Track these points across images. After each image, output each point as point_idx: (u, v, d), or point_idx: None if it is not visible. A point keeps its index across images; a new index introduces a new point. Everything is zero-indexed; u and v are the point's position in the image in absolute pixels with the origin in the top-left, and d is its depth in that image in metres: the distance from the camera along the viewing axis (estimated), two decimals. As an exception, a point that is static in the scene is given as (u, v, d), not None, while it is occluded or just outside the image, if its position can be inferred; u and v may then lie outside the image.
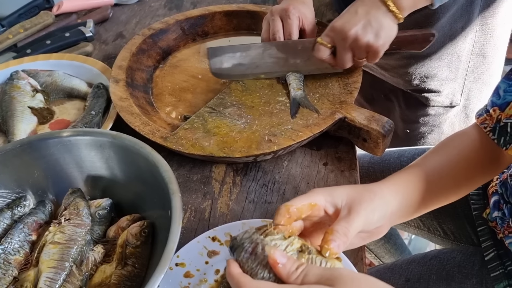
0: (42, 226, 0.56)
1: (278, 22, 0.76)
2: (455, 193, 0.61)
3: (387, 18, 0.66)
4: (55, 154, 0.57)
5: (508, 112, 0.58)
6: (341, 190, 0.49)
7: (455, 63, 0.92)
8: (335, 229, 0.44)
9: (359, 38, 0.66)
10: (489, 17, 0.87)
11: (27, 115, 0.76)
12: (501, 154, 0.61)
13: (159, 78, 0.83)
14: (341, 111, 0.67)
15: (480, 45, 0.91)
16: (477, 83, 0.96)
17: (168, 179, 0.51)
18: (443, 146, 0.63)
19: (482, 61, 0.93)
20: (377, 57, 0.69)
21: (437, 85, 0.95)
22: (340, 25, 0.67)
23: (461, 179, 0.60)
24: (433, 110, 0.99)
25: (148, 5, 1.10)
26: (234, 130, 0.67)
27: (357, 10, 0.67)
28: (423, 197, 0.56)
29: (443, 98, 0.97)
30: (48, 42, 0.93)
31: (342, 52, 0.69)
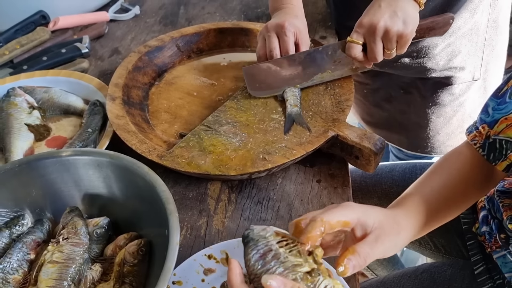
0: (40, 245, 0.57)
1: (275, 38, 0.77)
2: (453, 212, 0.63)
3: (409, 5, 0.70)
4: (53, 173, 0.58)
5: (496, 129, 0.60)
6: (374, 213, 0.49)
7: (475, 37, 0.94)
8: (358, 251, 0.45)
9: (389, 29, 0.69)
10: None
11: (24, 132, 0.77)
12: (494, 170, 0.63)
13: (155, 96, 0.84)
14: (334, 129, 0.69)
15: (494, 17, 0.94)
16: (492, 55, 0.99)
17: (166, 199, 0.52)
18: (441, 167, 0.65)
19: (495, 32, 0.96)
20: (406, 45, 0.73)
21: (460, 61, 0.97)
22: (368, 20, 0.70)
23: (459, 198, 0.63)
24: (457, 88, 1.00)
25: (143, 21, 1.11)
26: (229, 148, 0.68)
27: (380, 4, 0.70)
28: (428, 221, 0.58)
29: (466, 73, 0.99)
30: (44, 58, 0.94)
31: (373, 45, 0.72)
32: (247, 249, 0.42)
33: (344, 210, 0.47)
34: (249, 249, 0.41)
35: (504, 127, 0.59)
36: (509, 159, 0.60)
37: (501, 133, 0.60)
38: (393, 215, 0.52)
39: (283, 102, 0.76)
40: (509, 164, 0.60)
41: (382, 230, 0.48)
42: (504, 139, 0.60)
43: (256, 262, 0.40)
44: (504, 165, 0.61)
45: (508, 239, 0.67)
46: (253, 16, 1.08)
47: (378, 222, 0.48)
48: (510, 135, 0.59)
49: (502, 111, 0.60)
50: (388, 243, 0.48)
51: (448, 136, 1.08)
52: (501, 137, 0.60)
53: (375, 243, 0.46)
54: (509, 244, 0.67)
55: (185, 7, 1.15)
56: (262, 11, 1.10)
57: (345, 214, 0.46)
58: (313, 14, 1.08)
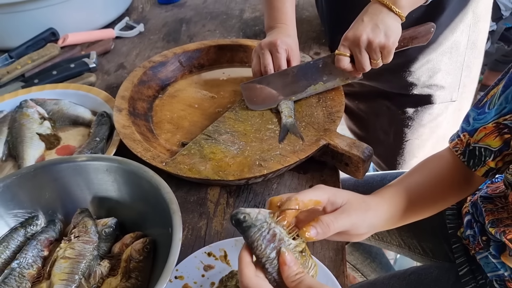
0: (53, 243, 0.61)
1: (268, 55, 0.83)
2: (432, 208, 0.68)
3: (390, 18, 0.75)
4: (65, 177, 0.63)
5: (476, 138, 0.65)
6: (343, 194, 0.55)
7: (454, 56, 1.00)
8: (321, 219, 0.50)
9: (371, 40, 0.74)
10: (478, 13, 0.96)
11: (35, 141, 0.82)
12: (473, 175, 0.68)
13: (158, 107, 0.89)
14: (325, 138, 0.74)
15: (473, 39, 0.99)
16: (469, 77, 1.04)
17: (169, 200, 0.57)
18: (422, 166, 0.70)
19: (474, 55, 1.01)
20: (390, 55, 0.77)
21: (441, 79, 1.02)
22: (352, 33, 0.76)
23: (438, 196, 0.68)
24: (437, 108, 1.06)
25: (147, 38, 1.17)
26: (228, 156, 0.73)
27: (363, 19, 0.76)
28: (404, 212, 0.63)
29: (446, 93, 1.04)
30: (54, 73, 0.99)
31: (359, 56, 0.77)
32: (252, 234, 0.46)
33: (316, 191, 0.52)
34: (256, 235, 0.46)
35: (482, 136, 0.64)
36: (487, 165, 0.65)
37: (480, 141, 0.65)
38: (362, 197, 0.58)
39: (278, 113, 0.81)
40: (487, 170, 0.65)
41: (349, 205, 0.53)
42: (483, 146, 0.64)
43: (267, 247, 0.46)
44: (483, 170, 0.66)
45: (489, 241, 0.72)
46: (251, 34, 1.14)
47: (347, 199, 0.54)
48: (488, 143, 0.64)
49: (481, 120, 0.65)
50: (355, 217, 0.53)
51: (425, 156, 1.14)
52: (480, 144, 0.65)
53: (340, 214, 0.52)
54: (489, 246, 0.71)
55: (187, 25, 1.21)
56: (260, 29, 1.16)
57: (317, 194, 0.52)
58: (308, 32, 1.14)
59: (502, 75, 0.64)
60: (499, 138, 0.62)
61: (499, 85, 0.63)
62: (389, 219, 0.61)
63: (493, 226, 0.68)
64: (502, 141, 0.62)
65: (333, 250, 0.64)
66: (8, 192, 0.61)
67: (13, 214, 0.62)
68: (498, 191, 0.75)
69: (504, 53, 2.07)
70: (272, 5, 0.91)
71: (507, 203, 0.71)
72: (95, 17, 1.18)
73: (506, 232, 0.65)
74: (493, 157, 0.63)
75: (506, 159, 0.64)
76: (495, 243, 0.70)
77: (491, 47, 2.04)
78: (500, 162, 0.64)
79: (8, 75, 1.00)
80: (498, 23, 2.00)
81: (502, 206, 0.72)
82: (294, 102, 0.83)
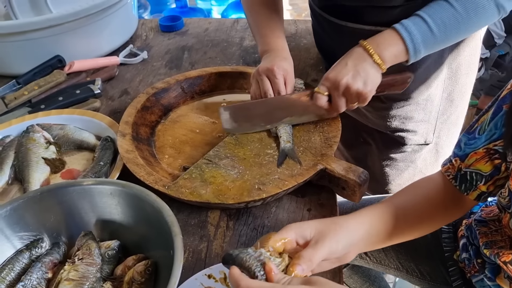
0: (57, 265, 0.63)
1: (267, 81, 0.86)
2: (418, 229, 0.70)
3: (373, 68, 0.79)
4: (71, 201, 0.65)
5: (467, 163, 0.67)
6: (309, 224, 0.58)
7: (429, 107, 1.04)
8: (302, 255, 0.54)
9: (350, 87, 0.78)
10: (454, 67, 1.01)
11: (41, 165, 0.84)
12: (463, 199, 0.70)
13: (161, 132, 0.92)
14: (322, 163, 0.76)
15: (448, 91, 1.04)
16: (446, 123, 1.08)
17: (171, 223, 0.58)
18: (411, 187, 0.73)
19: (450, 104, 1.06)
20: (366, 101, 0.81)
21: (413, 126, 1.06)
22: (333, 76, 0.79)
23: (424, 217, 0.70)
24: (409, 148, 1.10)
25: (150, 64, 1.21)
26: (228, 180, 0.75)
27: (347, 62, 0.79)
28: (388, 230, 0.65)
29: (418, 137, 1.08)
30: (60, 98, 1.02)
31: (337, 99, 0.80)
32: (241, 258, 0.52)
33: (282, 232, 0.57)
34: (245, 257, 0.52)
35: (473, 161, 0.66)
36: (479, 189, 0.67)
37: (471, 166, 0.67)
38: (332, 219, 0.61)
39: (276, 138, 0.84)
40: (479, 193, 0.67)
41: (319, 234, 0.57)
42: (474, 171, 0.67)
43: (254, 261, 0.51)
44: (475, 194, 0.68)
45: (484, 264, 0.73)
46: (251, 61, 1.18)
47: (315, 229, 0.57)
48: (479, 168, 0.66)
49: (472, 146, 0.67)
50: (328, 242, 0.56)
51: (399, 187, 1.19)
52: (471, 169, 0.67)
53: (315, 245, 0.56)
54: (485, 268, 0.73)
55: (189, 52, 1.25)
56: (259, 56, 1.20)
57: (283, 235, 0.56)
58: (306, 59, 1.18)
59: (492, 102, 0.67)
60: (490, 163, 0.65)
61: (489, 111, 0.66)
62: (371, 236, 0.63)
63: (487, 248, 0.70)
64: (492, 166, 0.64)
65: (330, 273, 0.65)
66: (15, 215, 0.63)
67: (19, 236, 0.64)
68: (492, 214, 0.77)
69: (498, 79, 2.11)
70: (262, 33, 0.95)
71: (501, 226, 0.72)
72: (100, 45, 1.22)
73: (500, 254, 0.67)
74: (484, 182, 0.66)
75: (497, 183, 0.66)
76: (490, 266, 0.71)
77: (485, 74, 2.09)
78: (492, 186, 0.66)
79: (15, 100, 1.03)
80: (492, 50, 2.05)
81: (496, 229, 0.74)
82: (292, 126, 0.85)
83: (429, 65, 0.97)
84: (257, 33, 0.97)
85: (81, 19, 1.09)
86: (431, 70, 0.98)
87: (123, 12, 1.23)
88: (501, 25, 1.97)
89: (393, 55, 0.79)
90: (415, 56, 0.80)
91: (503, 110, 0.63)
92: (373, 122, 1.12)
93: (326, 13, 0.99)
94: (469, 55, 1.01)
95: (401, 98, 1.02)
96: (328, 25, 1.00)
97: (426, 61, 0.95)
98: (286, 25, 1.32)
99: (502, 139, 0.62)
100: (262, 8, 0.97)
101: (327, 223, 0.59)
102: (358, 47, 0.80)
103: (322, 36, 1.08)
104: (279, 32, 0.94)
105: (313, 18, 1.10)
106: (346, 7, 0.92)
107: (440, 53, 0.96)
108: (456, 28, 0.78)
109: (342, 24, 0.95)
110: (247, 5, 1.01)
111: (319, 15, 1.02)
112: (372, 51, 0.78)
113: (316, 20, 1.07)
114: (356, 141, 1.21)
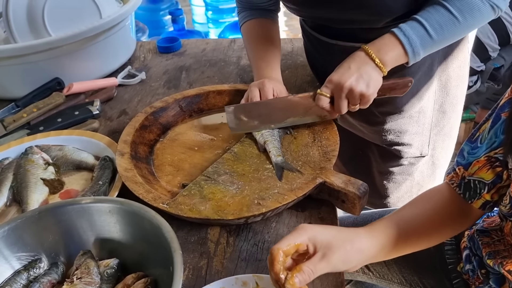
0: (55, 286, 0.62)
1: (256, 91, 0.89)
2: (427, 240, 0.70)
3: (375, 71, 0.81)
4: (69, 220, 0.65)
5: (470, 171, 0.67)
6: (325, 235, 0.58)
7: (421, 119, 1.05)
8: (303, 269, 0.54)
9: (353, 89, 0.79)
10: (444, 80, 1.02)
11: (39, 186, 0.84)
12: (470, 208, 0.69)
13: (159, 151, 0.92)
14: (322, 176, 0.76)
15: (440, 103, 1.05)
16: (440, 135, 1.09)
17: (170, 239, 0.58)
18: (419, 200, 0.72)
19: (442, 116, 1.07)
20: (368, 103, 0.83)
21: (408, 139, 1.08)
22: (337, 78, 0.81)
23: (434, 228, 0.69)
24: (406, 161, 1.11)
25: (148, 85, 1.22)
26: (227, 195, 0.75)
27: (350, 66, 0.81)
28: (398, 244, 0.65)
29: (414, 149, 1.09)
30: (59, 120, 1.02)
31: (339, 101, 0.82)
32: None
33: (295, 234, 0.57)
34: None
35: (476, 169, 0.66)
36: (483, 197, 0.67)
37: (474, 174, 0.67)
38: (350, 233, 0.61)
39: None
40: (484, 202, 0.67)
41: (328, 249, 0.57)
42: (477, 179, 0.67)
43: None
44: (479, 203, 0.67)
45: (488, 274, 0.72)
46: (248, 79, 1.19)
47: (327, 241, 0.57)
48: (482, 176, 0.66)
49: (474, 155, 0.67)
50: (334, 260, 0.56)
51: (398, 199, 1.19)
52: (475, 177, 0.67)
53: (319, 261, 0.56)
54: (489, 279, 0.72)
55: (187, 72, 1.26)
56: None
57: (297, 237, 0.56)
58: (303, 76, 1.19)
59: (491, 111, 0.68)
60: (491, 171, 0.65)
61: (489, 120, 0.67)
62: (380, 251, 0.63)
63: (490, 258, 0.69)
64: (494, 174, 0.64)
65: (332, 286, 0.64)
66: (13, 235, 0.62)
67: (17, 257, 0.63)
68: (494, 224, 0.76)
69: (494, 92, 2.13)
70: (258, 65, 0.99)
71: (503, 236, 0.72)
72: (98, 66, 1.23)
73: (503, 264, 0.66)
74: (488, 190, 0.65)
75: (501, 191, 0.66)
76: (494, 276, 0.71)
77: (481, 87, 2.11)
78: (496, 195, 0.66)
79: (14, 123, 1.03)
80: (487, 63, 2.07)
81: (498, 239, 0.73)
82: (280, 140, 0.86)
83: (419, 78, 0.99)
84: (254, 65, 1.01)
85: (80, 41, 1.11)
86: (421, 83, 1.00)
87: (121, 34, 1.25)
88: (495, 38, 2.00)
89: (393, 59, 0.81)
90: (415, 58, 0.82)
91: (501, 118, 0.63)
92: (369, 136, 1.13)
93: (317, 32, 1.02)
94: (457, 68, 1.02)
95: (394, 111, 1.03)
96: (319, 44, 1.03)
97: (416, 74, 0.97)
98: (283, 43, 1.34)
99: (501, 147, 0.63)
100: (260, 41, 1.02)
101: (341, 239, 0.59)
102: (360, 51, 0.83)
103: (314, 55, 1.11)
104: (274, 64, 0.98)
105: (304, 37, 1.13)
106: (337, 28, 0.95)
107: (429, 66, 0.98)
108: (453, 29, 0.81)
109: (332, 43, 0.98)
110: (246, 37, 1.05)
111: (310, 34, 1.05)
112: (373, 55, 0.80)
113: (308, 39, 1.10)
114: (354, 155, 1.21)
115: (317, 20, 1.00)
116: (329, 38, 0.98)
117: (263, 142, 0.85)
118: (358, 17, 0.88)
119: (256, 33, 1.03)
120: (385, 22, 0.87)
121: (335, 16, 0.91)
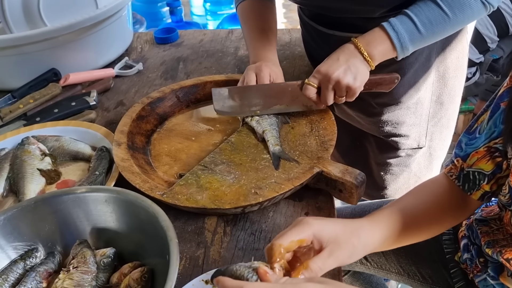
0: (52, 275, 0.62)
1: (253, 75, 0.88)
2: (427, 231, 0.70)
3: (362, 65, 0.81)
4: (65, 209, 0.65)
5: (469, 162, 0.67)
6: (331, 229, 0.56)
7: (419, 110, 1.05)
8: (310, 266, 0.53)
9: (340, 81, 0.80)
10: (442, 70, 1.02)
11: (36, 177, 0.84)
12: (468, 199, 0.69)
13: (156, 141, 0.92)
14: (319, 166, 0.76)
15: (437, 94, 1.05)
16: (437, 126, 1.09)
17: (167, 228, 0.58)
18: (418, 190, 0.72)
19: (440, 107, 1.07)
20: (354, 96, 0.83)
21: (405, 130, 1.07)
22: (325, 69, 0.81)
23: (433, 219, 0.69)
24: (403, 152, 1.11)
25: (145, 76, 1.21)
26: (224, 185, 0.75)
27: (338, 57, 0.81)
28: (399, 234, 0.65)
29: (411, 141, 1.09)
30: (55, 111, 1.02)
31: (326, 91, 0.82)
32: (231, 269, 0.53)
33: (298, 229, 0.55)
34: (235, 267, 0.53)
35: (475, 160, 0.66)
36: (482, 188, 0.66)
37: (473, 166, 0.66)
38: (354, 226, 0.59)
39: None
40: (483, 193, 0.67)
41: (336, 245, 0.55)
42: (476, 170, 0.66)
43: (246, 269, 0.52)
44: (478, 194, 0.67)
45: (486, 263, 0.72)
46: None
47: (334, 236, 0.56)
48: (481, 167, 0.66)
49: (473, 146, 0.67)
50: (342, 256, 0.55)
51: (395, 191, 1.18)
52: (474, 169, 0.66)
53: (327, 258, 0.54)
54: (487, 267, 0.72)
55: (184, 63, 1.26)
56: (253, 65, 1.21)
57: (300, 233, 0.54)
58: (301, 66, 1.18)
59: (489, 101, 0.67)
60: (491, 162, 0.64)
61: (488, 110, 0.66)
62: (382, 242, 0.63)
63: (489, 247, 0.69)
64: (494, 164, 0.64)
65: (329, 275, 0.64)
66: (9, 225, 0.62)
67: (13, 246, 0.63)
68: (493, 213, 0.76)
69: (493, 83, 2.12)
70: (254, 46, 0.98)
71: (502, 225, 0.72)
72: (95, 57, 1.22)
73: (502, 252, 0.66)
74: (487, 181, 0.65)
75: (500, 182, 0.65)
76: (493, 264, 0.71)
77: (480, 78, 2.10)
78: (495, 185, 0.65)
79: (10, 114, 1.03)
80: (486, 55, 2.07)
81: (497, 228, 0.73)
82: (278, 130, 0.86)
83: (417, 69, 0.98)
84: (249, 45, 1.00)
85: (76, 32, 1.09)
86: (419, 74, 0.99)
87: (117, 25, 1.24)
88: (494, 30, 1.99)
89: (381, 53, 0.81)
90: (403, 53, 0.82)
91: (500, 108, 0.63)
92: (367, 127, 1.13)
93: (315, 22, 1.01)
94: (456, 59, 1.02)
95: (391, 103, 1.03)
96: (317, 34, 1.03)
97: (414, 65, 0.97)
98: (281, 34, 1.33)
99: (501, 136, 0.62)
100: (256, 21, 1.00)
101: (347, 234, 0.57)
102: (349, 43, 0.83)
103: (312, 45, 1.10)
104: (270, 46, 0.97)
105: (302, 27, 1.12)
106: (334, 17, 0.95)
107: (427, 57, 0.97)
108: (442, 25, 0.81)
109: (330, 33, 0.98)
110: (242, 18, 1.04)
111: (308, 24, 1.04)
112: (362, 49, 0.80)
113: (305, 29, 1.09)
114: (352, 146, 1.21)
115: (314, 8, 0.99)
116: (326, 28, 0.98)
117: (261, 132, 0.85)
118: (353, 6, 0.88)
119: (253, 13, 1.02)
120: (381, 12, 0.86)
121: (331, 5, 0.90)
